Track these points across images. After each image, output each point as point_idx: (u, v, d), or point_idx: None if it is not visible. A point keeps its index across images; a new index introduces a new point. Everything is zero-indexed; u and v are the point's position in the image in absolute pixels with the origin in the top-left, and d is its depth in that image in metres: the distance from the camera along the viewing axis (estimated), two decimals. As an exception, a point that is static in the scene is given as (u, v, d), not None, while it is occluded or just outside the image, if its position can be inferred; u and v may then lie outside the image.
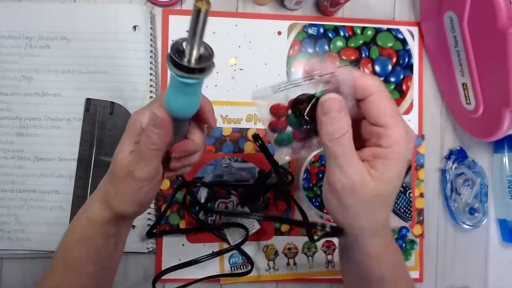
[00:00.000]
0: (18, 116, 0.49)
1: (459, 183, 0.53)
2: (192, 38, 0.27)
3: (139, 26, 0.50)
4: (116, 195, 0.33)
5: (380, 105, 0.29)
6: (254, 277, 0.51)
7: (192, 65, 0.27)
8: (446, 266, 0.54)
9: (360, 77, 0.29)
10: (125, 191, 0.33)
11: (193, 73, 0.27)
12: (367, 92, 0.29)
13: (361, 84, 0.29)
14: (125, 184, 0.32)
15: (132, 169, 0.32)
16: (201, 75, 0.28)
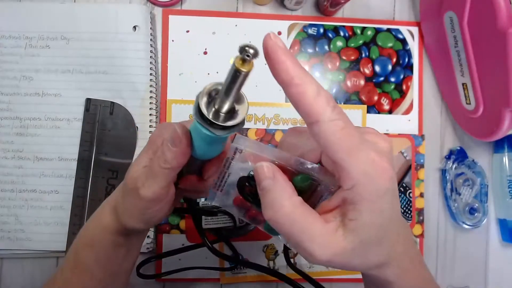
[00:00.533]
0: (18, 116, 0.49)
1: (459, 183, 0.53)
2: (224, 96, 0.24)
3: (139, 26, 0.50)
4: (124, 209, 0.32)
5: (328, 137, 0.22)
6: (254, 277, 0.51)
7: (220, 120, 0.25)
8: (446, 266, 0.54)
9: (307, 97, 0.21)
10: (131, 207, 0.31)
11: (220, 129, 0.25)
12: (311, 118, 0.22)
13: (305, 107, 0.22)
14: (131, 200, 0.30)
15: (139, 185, 0.29)
16: (226, 132, 0.25)
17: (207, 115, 0.25)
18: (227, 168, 0.27)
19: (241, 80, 0.23)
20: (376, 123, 0.53)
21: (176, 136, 0.28)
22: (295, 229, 0.23)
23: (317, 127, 0.22)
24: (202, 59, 0.52)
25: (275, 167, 0.25)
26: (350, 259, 0.24)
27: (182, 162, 0.29)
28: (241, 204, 0.29)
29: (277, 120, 0.52)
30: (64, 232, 0.48)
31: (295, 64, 0.21)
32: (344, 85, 0.53)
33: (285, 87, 0.22)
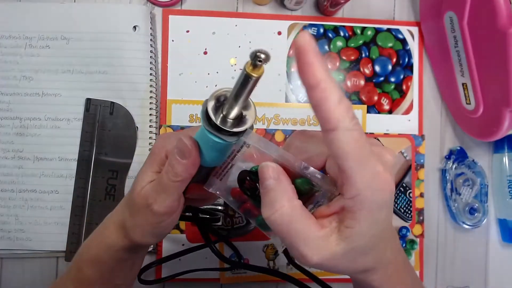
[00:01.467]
0: (18, 116, 0.49)
1: (459, 183, 0.53)
2: (233, 101, 0.24)
3: (139, 26, 0.50)
4: (134, 226, 0.31)
5: (341, 146, 0.22)
6: (254, 277, 0.51)
7: (227, 126, 0.25)
8: (446, 266, 0.54)
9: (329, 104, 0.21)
10: (143, 223, 0.30)
11: (229, 135, 0.25)
12: (329, 125, 0.22)
13: (325, 113, 0.22)
14: (143, 217, 0.30)
15: (151, 201, 0.29)
16: (234, 138, 0.25)
17: (215, 120, 0.25)
18: (231, 159, 0.28)
19: (251, 85, 0.23)
20: (376, 123, 0.53)
21: (186, 148, 0.27)
22: (291, 231, 0.24)
23: (333, 134, 0.22)
24: (202, 59, 0.52)
25: (280, 169, 0.25)
26: (338, 263, 0.25)
27: (193, 173, 0.28)
28: (238, 197, 0.29)
29: (277, 120, 0.52)
30: (64, 232, 0.48)
31: (323, 68, 0.21)
32: (344, 85, 0.53)
33: (309, 89, 0.22)
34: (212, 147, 0.27)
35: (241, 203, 0.29)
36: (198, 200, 0.35)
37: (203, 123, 0.25)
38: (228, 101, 0.24)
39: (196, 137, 0.28)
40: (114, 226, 0.33)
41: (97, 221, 0.48)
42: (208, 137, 0.26)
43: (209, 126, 0.25)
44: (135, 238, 0.31)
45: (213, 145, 0.26)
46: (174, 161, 0.28)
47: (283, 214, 0.24)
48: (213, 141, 0.26)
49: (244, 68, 0.22)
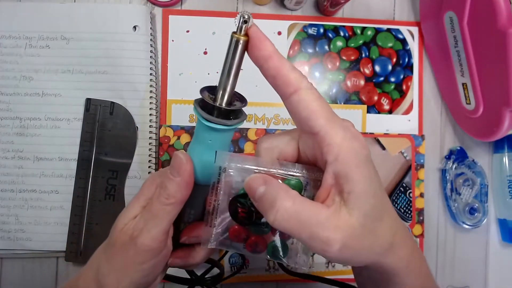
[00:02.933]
0: (18, 116, 0.49)
1: (459, 183, 0.53)
2: (226, 76, 0.24)
3: (139, 26, 0.50)
4: (110, 272, 0.27)
5: (308, 104, 0.24)
6: (254, 277, 0.51)
7: (223, 107, 0.24)
8: (446, 266, 0.54)
9: (285, 69, 0.24)
10: (122, 265, 0.26)
11: (225, 117, 0.25)
12: (291, 87, 0.24)
13: (285, 77, 0.24)
14: (122, 256, 0.26)
15: (136, 233, 0.26)
16: (233, 122, 0.25)
17: (212, 102, 0.24)
18: (215, 196, 0.26)
19: (241, 52, 0.24)
20: (376, 123, 0.53)
21: (180, 162, 0.26)
22: (302, 221, 0.23)
23: (297, 95, 0.24)
24: (202, 59, 0.52)
25: (263, 174, 0.25)
26: (362, 240, 0.24)
27: (186, 194, 0.27)
28: (238, 235, 0.27)
29: (277, 120, 0.52)
30: (64, 232, 0.48)
31: (274, 45, 0.24)
32: (344, 85, 0.53)
33: (264, 62, 0.24)
34: (209, 145, 0.26)
35: (244, 242, 0.27)
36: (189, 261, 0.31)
37: (199, 113, 0.25)
38: (220, 81, 0.24)
39: (189, 149, 0.27)
40: (87, 276, 0.29)
41: (97, 221, 0.48)
42: (204, 128, 0.25)
43: (206, 114, 0.24)
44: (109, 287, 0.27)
45: (212, 136, 0.25)
46: (166, 180, 0.26)
47: (287, 208, 0.23)
48: (211, 133, 0.25)
49: (231, 36, 0.23)
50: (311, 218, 0.23)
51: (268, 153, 0.27)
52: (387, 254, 0.26)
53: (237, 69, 0.24)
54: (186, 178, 0.26)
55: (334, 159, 0.23)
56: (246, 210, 0.26)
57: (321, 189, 0.25)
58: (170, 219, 0.27)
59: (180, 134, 0.51)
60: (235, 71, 0.24)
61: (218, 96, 0.25)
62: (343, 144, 0.23)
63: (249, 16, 0.23)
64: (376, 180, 0.25)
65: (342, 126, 0.24)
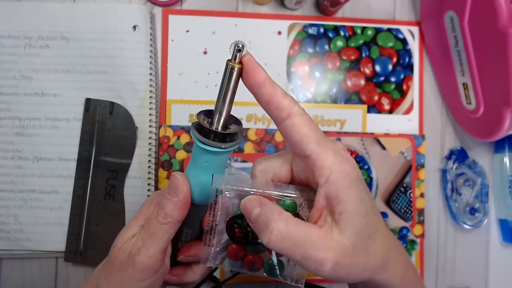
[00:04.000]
0: (18, 116, 0.49)
1: (460, 183, 0.53)
2: (222, 101, 0.25)
3: (139, 26, 0.50)
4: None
5: (300, 129, 0.25)
6: (254, 277, 0.51)
7: (219, 131, 0.25)
8: (446, 266, 0.54)
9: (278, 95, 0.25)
10: (120, 283, 0.27)
11: (221, 140, 0.25)
12: (284, 113, 0.25)
13: (278, 104, 0.25)
14: (121, 274, 0.27)
15: (134, 251, 0.27)
16: (228, 145, 0.26)
17: (208, 126, 0.25)
18: (213, 217, 0.27)
19: (235, 78, 0.25)
20: (376, 123, 0.53)
21: (177, 183, 0.27)
22: (295, 241, 0.24)
23: (289, 120, 0.25)
24: (202, 59, 0.52)
25: (259, 196, 0.26)
26: (355, 258, 0.25)
27: (183, 214, 0.28)
28: (236, 254, 0.28)
29: (277, 120, 0.52)
30: (64, 233, 0.48)
31: (266, 73, 0.26)
32: (344, 85, 0.53)
33: (258, 88, 0.25)
34: (206, 167, 0.26)
35: (242, 261, 0.28)
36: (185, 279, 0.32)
37: (196, 136, 0.25)
38: (216, 106, 0.25)
39: (186, 170, 0.27)
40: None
41: (96, 221, 0.48)
42: (201, 151, 0.25)
43: (202, 136, 0.25)
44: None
45: (208, 159, 0.26)
46: (163, 200, 0.27)
47: (280, 229, 0.24)
48: (207, 156, 0.25)
49: (226, 64, 0.24)
50: (304, 239, 0.24)
51: (263, 175, 0.28)
52: (381, 271, 0.26)
53: (232, 95, 0.25)
54: (182, 198, 0.27)
55: (325, 181, 0.24)
56: (243, 230, 0.27)
57: (313, 210, 0.26)
58: (168, 238, 0.28)
59: (180, 134, 0.51)
60: (230, 97, 0.25)
61: (214, 120, 0.26)
62: (334, 167, 0.24)
63: (243, 45, 0.24)
64: (367, 200, 0.26)
65: (332, 149, 0.25)
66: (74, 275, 0.49)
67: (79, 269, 0.49)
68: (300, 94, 0.53)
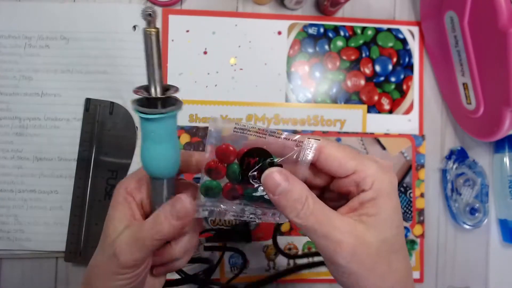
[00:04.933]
0: (18, 116, 0.49)
1: (460, 183, 0.53)
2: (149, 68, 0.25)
3: (139, 26, 0.50)
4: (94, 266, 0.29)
5: (336, 155, 0.26)
6: (255, 277, 0.51)
7: (157, 96, 0.25)
8: (446, 266, 0.54)
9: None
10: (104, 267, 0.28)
11: (158, 106, 0.25)
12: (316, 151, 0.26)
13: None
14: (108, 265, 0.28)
15: (118, 250, 0.27)
16: (169, 109, 0.25)
17: (146, 95, 0.25)
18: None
19: (155, 44, 0.25)
20: (376, 123, 0.53)
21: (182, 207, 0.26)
22: (320, 220, 0.25)
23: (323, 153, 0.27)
24: (202, 59, 0.52)
25: (284, 170, 0.26)
26: (374, 261, 0.25)
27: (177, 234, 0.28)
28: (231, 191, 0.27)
29: (277, 120, 0.52)
30: (64, 233, 0.48)
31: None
32: (344, 85, 0.53)
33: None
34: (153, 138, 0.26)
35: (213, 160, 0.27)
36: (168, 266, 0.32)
37: (136, 109, 0.25)
38: (148, 75, 0.25)
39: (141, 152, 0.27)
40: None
41: (96, 221, 0.48)
42: (148, 123, 0.25)
43: (142, 108, 0.25)
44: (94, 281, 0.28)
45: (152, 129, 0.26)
46: (164, 220, 0.27)
47: (310, 206, 0.25)
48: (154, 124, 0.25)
49: (143, 30, 0.24)
50: (329, 219, 0.25)
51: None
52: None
53: (159, 60, 0.25)
54: (184, 224, 0.27)
55: (369, 188, 0.26)
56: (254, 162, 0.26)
57: (344, 207, 0.27)
58: (156, 248, 0.28)
59: (179, 134, 0.51)
60: (157, 62, 0.25)
61: (151, 90, 0.26)
62: (377, 176, 0.26)
63: (153, 10, 0.24)
64: (400, 212, 0.26)
65: (372, 160, 0.27)
66: (74, 275, 0.49)
67: (79, 269, 0.49)
68: (300, 94, 0.53)
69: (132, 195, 0.30)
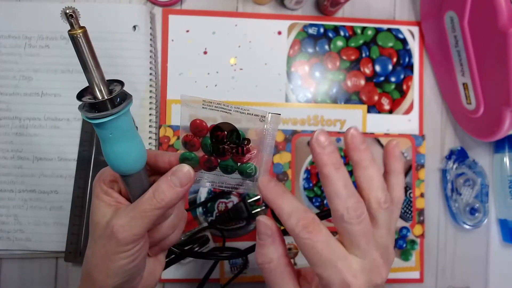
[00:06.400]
0: (18, 116, 0.49)
1: (460, 183, 0.53)
2: (86, 71, 0.24)
3: (139, 26, 0.50)
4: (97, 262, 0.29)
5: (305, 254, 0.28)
6: (255, 277, 0.51)
7: (105, 98, 0.24)
8: (446, 266, 0.54)
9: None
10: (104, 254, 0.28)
11: (105, 109, 0.24)
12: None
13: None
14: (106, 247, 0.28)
15: (115, 229, 0.27)
16: (120, 108, 0.24)
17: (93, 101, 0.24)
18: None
19: (85, 45, 0.23)
20: (376, 123, 0.53)
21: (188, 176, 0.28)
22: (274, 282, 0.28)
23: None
24: (202, 59, 0.52)
25: (274, 226, 0.29)
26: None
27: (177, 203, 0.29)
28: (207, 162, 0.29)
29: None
30: (64, 233, 0.48)
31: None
32: (344, 84, 0.53)
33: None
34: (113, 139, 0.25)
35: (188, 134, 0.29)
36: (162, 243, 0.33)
37: (88, 118, 0.24)
38: (87, 79, 0.24)
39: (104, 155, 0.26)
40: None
41: (96, 221, 0.48)
42: (103, 127, 0.24)
43: (88, 113, 0.24)
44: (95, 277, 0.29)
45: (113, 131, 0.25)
46: (165, 187, 0.28)
47: (270, 267, 0.28)
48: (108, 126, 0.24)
49: (68, 33, 0.23)
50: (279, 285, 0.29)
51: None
52: None
53: (95, 61, 0.24)
54: (186, 190, 0.28)
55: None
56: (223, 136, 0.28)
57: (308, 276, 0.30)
58: (155, 220, 0.28)
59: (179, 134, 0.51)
60: (94, 63, 0.24)
61: (96, 93, 0.25)
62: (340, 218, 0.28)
63: (73, 11, 0.23)
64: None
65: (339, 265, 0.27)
66: (74, 275, 0.49)
67: (79, 269, 0.49)
68: (300, 94, 0.53)
69: (111, 186, 0.30)
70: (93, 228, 0.30)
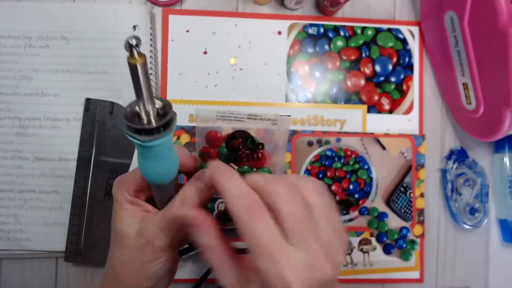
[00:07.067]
0: (18, 116, 0.49)
1: (460, 183, 0.53)
2: (139, 97, 0.24)
3: (139, 26, 0.50)
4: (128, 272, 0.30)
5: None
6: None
7: (153, 124, 0.25)
8: (446, 266, 0.54)
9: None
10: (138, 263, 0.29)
11: (157, 133, 0.25)
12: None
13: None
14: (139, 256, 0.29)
15: (151, 238, 0.28)
16: (165, 133, 0.25)
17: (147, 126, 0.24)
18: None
19: (142, 74, 0.23)
20: (376, 123, 0.53)
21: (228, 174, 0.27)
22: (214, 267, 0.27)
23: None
24: (202, 59, 0.52)
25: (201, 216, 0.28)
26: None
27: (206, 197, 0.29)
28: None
29: (277, 120, 0.52)
30: (64, 233, 0.48)
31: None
32: (344, 84, 0.53)
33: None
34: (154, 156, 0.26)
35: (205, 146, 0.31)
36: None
37: (132, 138, 0.25)
38: (140, 106, 0.24)
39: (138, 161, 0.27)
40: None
41: (96, 221, 0.48)
42: (144, 148, 0.25)
43: (138, 135, 0.24)
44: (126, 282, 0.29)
45: (153, 153, 0.26)
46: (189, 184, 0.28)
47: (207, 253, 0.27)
48: (150, 148, 0.25)
49: (127, 61, 0.22)
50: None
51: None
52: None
53: (149, 88, 0.24)
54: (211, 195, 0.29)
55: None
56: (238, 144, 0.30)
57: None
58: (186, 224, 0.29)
59: (180, 134, 0.51)
60: (148, 90, 0.24)
61: (144, 119, 0.25)
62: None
63: (137, 42, 0.22)
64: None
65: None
66: (74, 275, 0.49)
67: (79, 269, 0.49)
68: (300, 94, 0.53)
69: (137, 196, 0.31)
70: (118, 237, 0.30)
